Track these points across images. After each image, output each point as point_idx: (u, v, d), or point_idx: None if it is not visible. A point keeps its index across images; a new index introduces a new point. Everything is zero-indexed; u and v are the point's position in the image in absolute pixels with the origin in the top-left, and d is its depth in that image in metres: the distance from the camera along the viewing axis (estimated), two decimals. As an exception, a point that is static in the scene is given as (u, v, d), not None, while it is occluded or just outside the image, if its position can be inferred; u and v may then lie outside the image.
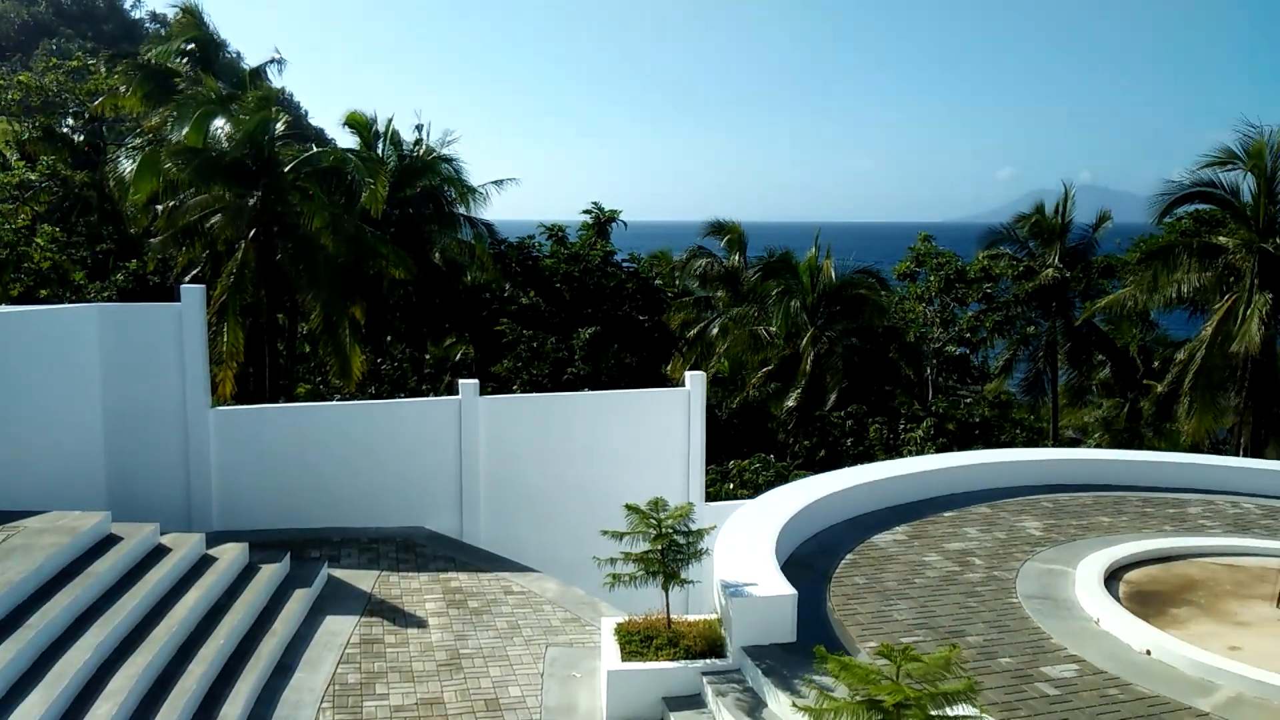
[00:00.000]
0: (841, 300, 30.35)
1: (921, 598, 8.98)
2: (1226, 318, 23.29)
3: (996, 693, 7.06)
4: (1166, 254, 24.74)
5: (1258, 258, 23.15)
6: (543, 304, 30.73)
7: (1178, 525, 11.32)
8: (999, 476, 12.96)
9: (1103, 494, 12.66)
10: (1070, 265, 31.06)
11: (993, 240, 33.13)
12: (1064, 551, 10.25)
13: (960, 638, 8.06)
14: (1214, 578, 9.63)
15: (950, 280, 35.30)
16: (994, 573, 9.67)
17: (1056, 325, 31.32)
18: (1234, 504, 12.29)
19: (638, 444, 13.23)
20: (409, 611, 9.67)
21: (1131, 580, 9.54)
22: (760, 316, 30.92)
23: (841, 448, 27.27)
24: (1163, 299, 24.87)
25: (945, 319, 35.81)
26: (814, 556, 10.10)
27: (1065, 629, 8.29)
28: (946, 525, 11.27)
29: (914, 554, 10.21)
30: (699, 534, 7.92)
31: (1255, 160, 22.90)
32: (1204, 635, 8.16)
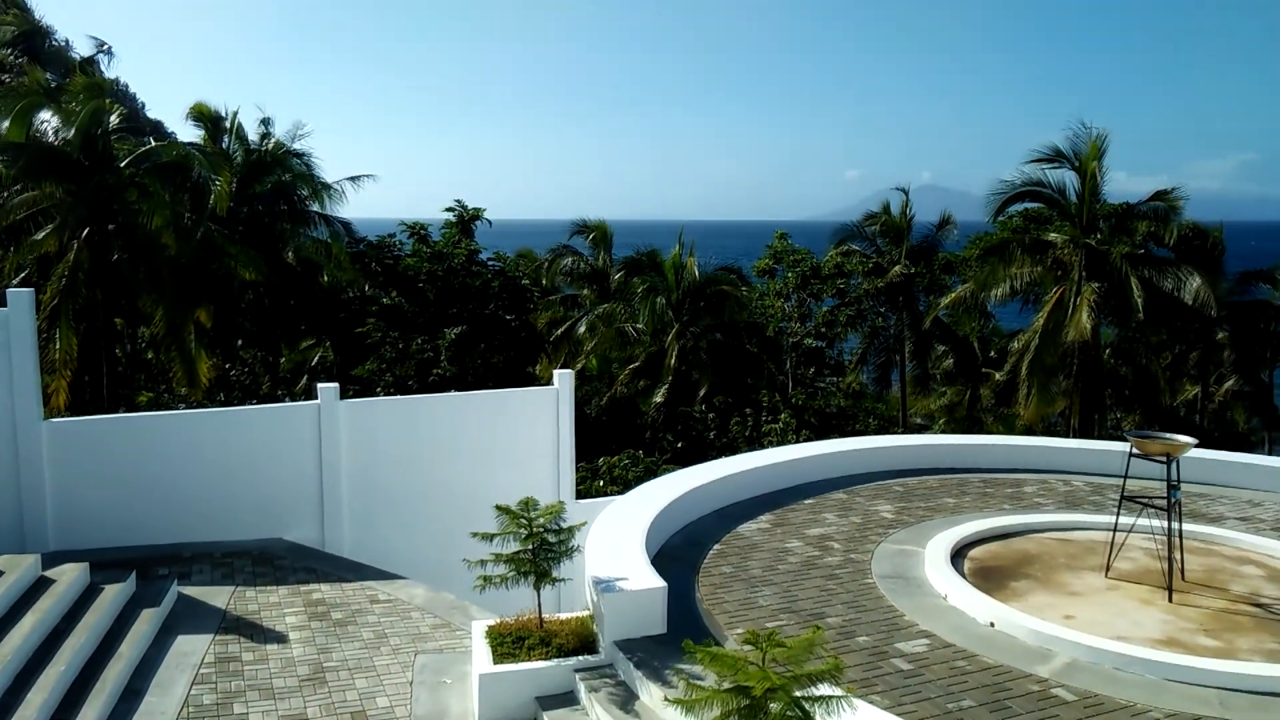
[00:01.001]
0: (705, 297, 30.99)
1: (785, 583, 9.30)
2: (1056, 308, 25.12)
3: (856, 670, 7.40)
4: (1001, 250, 26.49)
5: (1083, 252, 25.07)
6: (406, 304, 30.00)
7: (1015, 504, 12.14)
8: (854, 464, 13.55)
9: (948, 477, 13.43)
10: (915, 262, 32.78)
11: (844, 238, 34.66)
12: (914, 533, 10.82)
13: (821, 620, 8.40)
14: (1049, 552, 10.38)
15: (806, 277, 36.61)
16: (851, 556, 10.12)
17: (904, 319, 33.00)
18: (1065, 482, 13.27)
19: (507, 444, 13.14)
20: (268, 627, 9.29)
21: (975, 557, 10.17)
22: (627, 314, 31.21)
23: (707, 441, 27.85)
24: (999, 292, 26.63)
25: (802, 314, 37.12)
26: (683, 548, 10.30)
27: (917, 606, 8.77)
28: (807, 512, 11.70)
29: (777, 541, 10.56)
30: (570, 532, 7.95)
31: (1080, 160, 24.78)
32: (1041, 606, 8.79)
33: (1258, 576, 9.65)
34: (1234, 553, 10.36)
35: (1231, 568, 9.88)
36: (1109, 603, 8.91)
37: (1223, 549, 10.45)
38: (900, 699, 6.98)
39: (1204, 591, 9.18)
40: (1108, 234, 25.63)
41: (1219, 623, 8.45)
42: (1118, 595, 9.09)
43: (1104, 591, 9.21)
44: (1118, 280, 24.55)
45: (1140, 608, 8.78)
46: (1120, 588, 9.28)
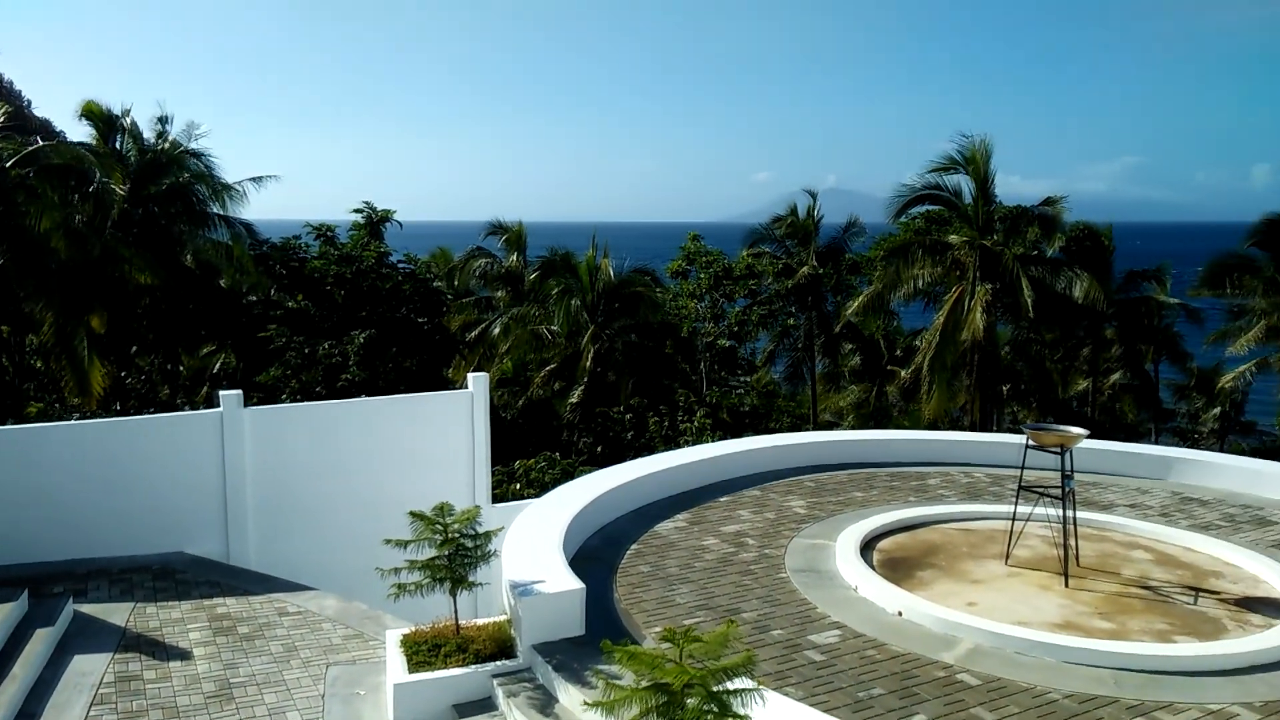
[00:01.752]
0: (620, 298, 31.09)
1: (701, 580, 9.41)
2: (955, 308, 26.04)
3: (770, 663, 7.54)
4: (903, 252, 27.34)
5: (978, 253, 26.05)
6: (313, 308, 29.25)
7: (921, 496, 12.54)
8: (767, 460, 13.79)
9: (857, 471, 13.79)
10: (823, 263, 33.55)
11: (755, 240, 35.27)
12: (825, 526, 11.08)
13: (737, 615, 8.53)
14: (952, 541, 10.75)
15: (719, 278, 37.12)
16: (765, 551, 10.30)
17: (813, 318, 33.73)
18: (967, 474, 13.76)
19: (420, 449, 12.94)
20: (170, 643, 8.95)
21: (883, 549, 10.47)
22: (542, 316, 31.09)
23: (624, 442, 27.94)
24: (902, 293, 27.47)
25: (715, 314, 37.61)
26: (601, 549, 10.33)
27: (829, 598, 8.99)
28: (722, 509, 11.86)
29: (694, 539, 10.68)
30: (486, 536, 7.89)
31: (973, 166, 25.78)
32: (946, 594, 9.11)
33: (1146, 560, 10.19)
34: (1124, 538, 10.91)
35: (1122, 553, 10.40)
36: (1009, 589, 9.28)
37: (1114, 535, 11.00)
38: (813, 690, 7.14)
39: (1097, 576, 9.65)
40: (1002, 236, 26.71)
41: (1112, 605, 8.89)
42: (1018, 582, 9.48)
43: (1004, 578, 9.59)
44: (1011, 280, 25.60)
45: (1039, 593, 9.18)
46: (1020, 574, 9.68)
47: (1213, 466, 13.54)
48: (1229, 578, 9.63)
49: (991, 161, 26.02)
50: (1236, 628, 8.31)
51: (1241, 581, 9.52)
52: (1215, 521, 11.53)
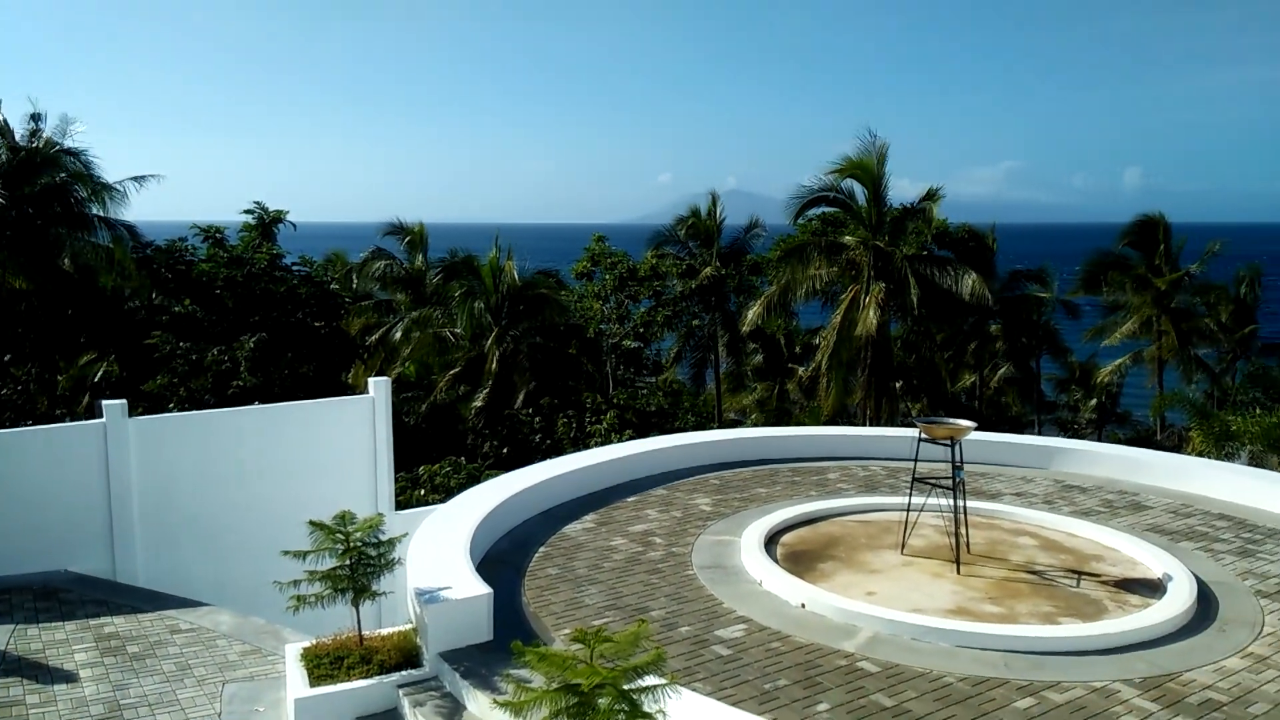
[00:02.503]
0: (525, 300, 30.90)
1: (610, 581, 9.45)
2: (851, 306, 26.81)
3: (679, 660, 7.64)
4: (800, 252, 28.00)
5: (872, 253, 26.87)
6: (201, 312, 28.12)
7: (821, 490, 12.87)
8: (674, 459, 13.93)
9: (760, 468, 14.06)
10: (726, 264, 34.06)
11: (659, 241, 35.57)
12: (730, 523, 11.27)
13: (646, 613, 8.60)
14: (851, 533, 11.08)
15: (623, 279, 37.27)
16: (672, 549, 10.41)
17: (716, 318, 34.21)
18: (864, 468, 14.19)
19: (320, 457, 12.60)
20: (54, 665, 8.49)
21: (786, 543, 10.71)
22: (444, 318, 30.65)
23: (532, 444, 27.79)
24: (801, 292, 28.13)
25: (621, 315, 37.75)
26: (509, 553, 10.26)
27: (734, 593, 9.15)
28: (630, 509, 11.93)
29: (602, 540, 10.72)
30: (390, 544, 7.75)
31: (865, 169, 26.59)
32: (846, 585, 9.38)
33: (1032, 546, 10.69)
34: (1011, 526, 11.43)
35: (1010, 539, 10.90)
36: (905, 578, 9.62)
37: (1001, 523, 11.51)
38: (721, 684, 7.26)
39: (987, 563, 10.08)
40: (889, 237, 27.64)
41: (1001, 590, 9.30)
42: (913, 570, 9.84)
43: (901, 568, 9.94)
44: (902, 279, 26.52)
45: (933, 581, 9.54)
46: (915, 563, 10.04)
47: (1092, 455, 14.31)
48: (1108, 561, 10.19)
49: (885, 164, 26.89)
50: (1116, 608, 8.80)
51: (1120, 564, 10.09)
52: (1095, 508, 12.19)
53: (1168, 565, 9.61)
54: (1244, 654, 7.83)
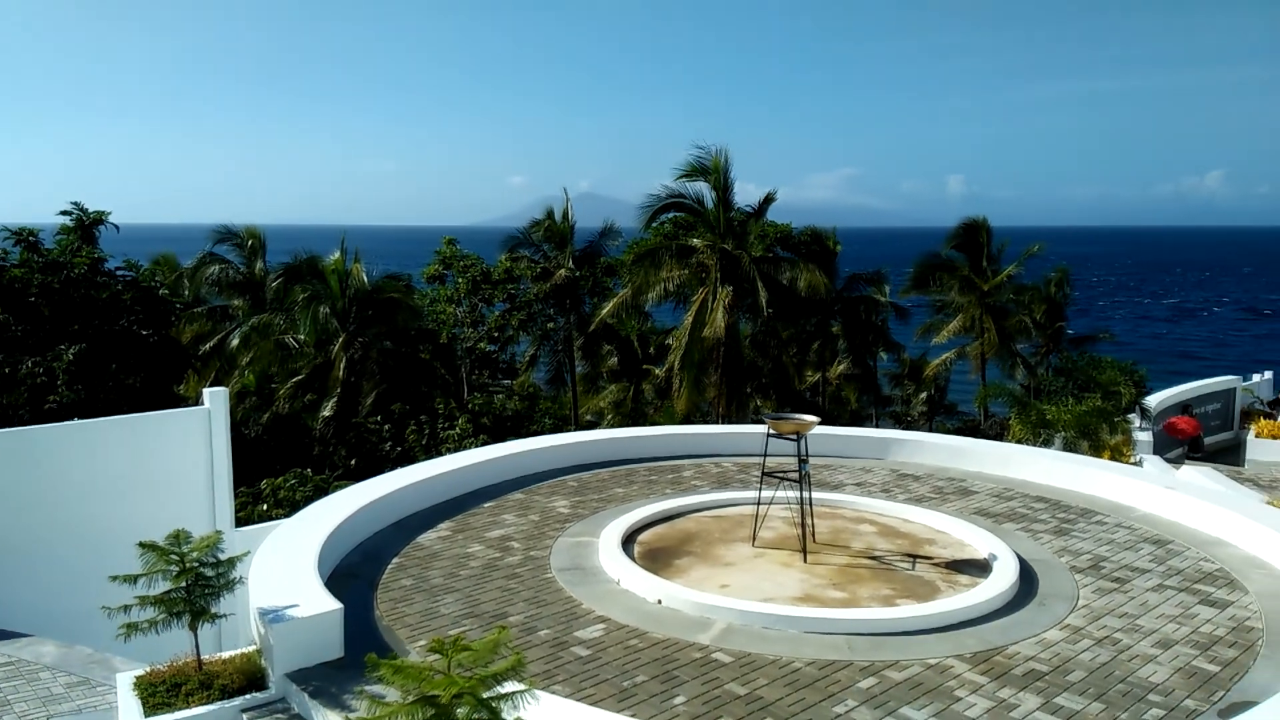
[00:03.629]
0: (374, 304, 30.00)
1: (467, 589, 9.34)
2: (702, 308, 27.46)
3: (538, 664, 7.64)
4: (653, 256, 28.48)
5: (719, 256, 27.62)
6: (13, 322, 25.85)
7: (676, 488, 13.14)
8: (531, 463, 13.89)
9: (618, 468, 14.22)
10: (580, 266, 34.18)
11: (512, 244, 35.30)
12: (589, 524, 11.35)
13: (505, 619, 8.55)
14: (706, 529, 11.36)
15: (477, 282, 36.78)
16: (531, 553, 10.39)
17: (572, 321, 34.28)
18: (717, 464, 14.58)
19: (150, 474, 11.86)
20: None
21: (643, 541, 10.88)
22: (287, 325, 29.37)
23: (383, 453, 27.01)
24: (654, 295, 28.59)
25: (475, 319, 37.23)
26: (360, 566, 9.96)
27: (593, 593, 9.22)
28: (487, 515, 11.81)
29: (458, 547, 10.56)
30: (230, 563, 7.39)
31: (713, 174, 27.32)
32: (701, 579, 9.62)
33: (872, 533, 11.28)
34: (853, 514, 12.02)
35: (852, 528, 11.46)
36: (756, 569, 9.96)
37: (844, 512, 12.09)
38: (580, 685, 7.31)
39: (831, 550, 10.57)
40: (740, 239, 28.49)
41: (844, 576, 9.77)
42: (764, 561, 10.19)
43: (752, 559, 10.28)
44: (749, 281, 27.38)
45: (782, 570, 9.92)
46: (765, 554, 10.40)
47: (924, 445, 15.21)
48: (940, 544, 10.88)
49: (731, 170, 27.71)
50: (948, 588, 9.40)
51: (950, 546, 10.78)
52: (927, 494, 12.97)
53: (993, 546, 10.34)
54: (1062, 626, 8.53)
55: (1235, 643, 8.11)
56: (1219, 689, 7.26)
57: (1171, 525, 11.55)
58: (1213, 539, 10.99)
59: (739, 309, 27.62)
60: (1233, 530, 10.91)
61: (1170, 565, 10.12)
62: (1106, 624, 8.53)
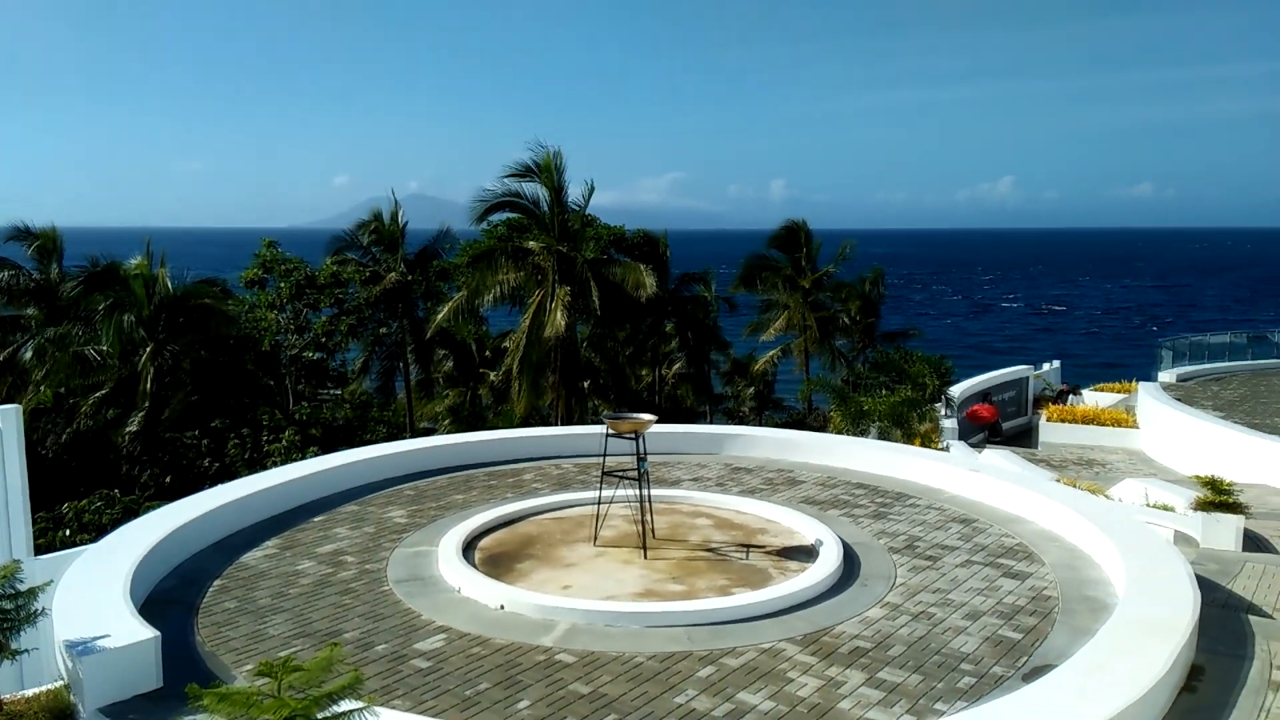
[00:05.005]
0: (185, 311, 28.13)
1: (297, 608, 8.96)
2: (539, 310, 27.40)
3: (377, 679, 7.43)
4: (488, 258, 28.19)
5: (555, 258, 27.67)
6: None
7: (517, 491, 13.09)
8: (364, 473, 13.47)
9: (456, 474, 14.01)
10: (412, 269, 33.36)
11: (339, 247, 34.03)
12: (427, 533, 11.12)
13: (339, 636, 8.26)
14: (547, 531, 11.38)
15: (301, 286, 35.18)
16: (366, 567, 10.08)
17: (405, 325, 33.41)
18: (557, 466, 14.62)
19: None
20: None
21: (484, 547, 10.78)
22: (87, 335, 27.09)
23: (200, 470, 25.41)
24: (490, 297, 28.30)
25: (300, 325, 35.59)
26: (177, 590, 9.37)
27: (433, 604, 9.05)
28: (317, 530, 11.37)
29: (286, 565, 10.11)
30: (30, 594, 6.79)
31: (546, 174, 27.32)
32: (543, 582, 9.63)
33: (708, 526, 11.63)
34: (690, 509, 12.35)
35: (689, 522, 11.77)
36: (598, 568, 10.07)
37: (681, 507, 12.40)
38: (421, 697, 7.18)
39: (670, 545, 10.82)
40: (575, 241, 28.63)
41: (683, 570, 10.03)
42: (605, 560, 10.32)
43: (594, 559, 10.38)
44: (584, 282, 27.58)
45: (623, 568, 10.07)
46: (607, 553, 10.54)
47: (754, 439, 15.83)
48: (771, 533, 11.35)
49: (565, 172, 27.76)
50: (779, 575, 9.83)
51: (781, 535, 11.27)
52: (758, 486, 13.50)
53: (819, 532, 10.90)
54: (882, 604, 9.10)
55: (1035, 611, 8.90)
56: (1022, 655, 7.95)
57: (976, 505, 12.54)
58: (1012, 516, 12.01)
59: (575, 310, 27.75)
60: (1029, 507, 11.96)
61: (976, 542, 10.98)
62: (921, 600, 9.17)
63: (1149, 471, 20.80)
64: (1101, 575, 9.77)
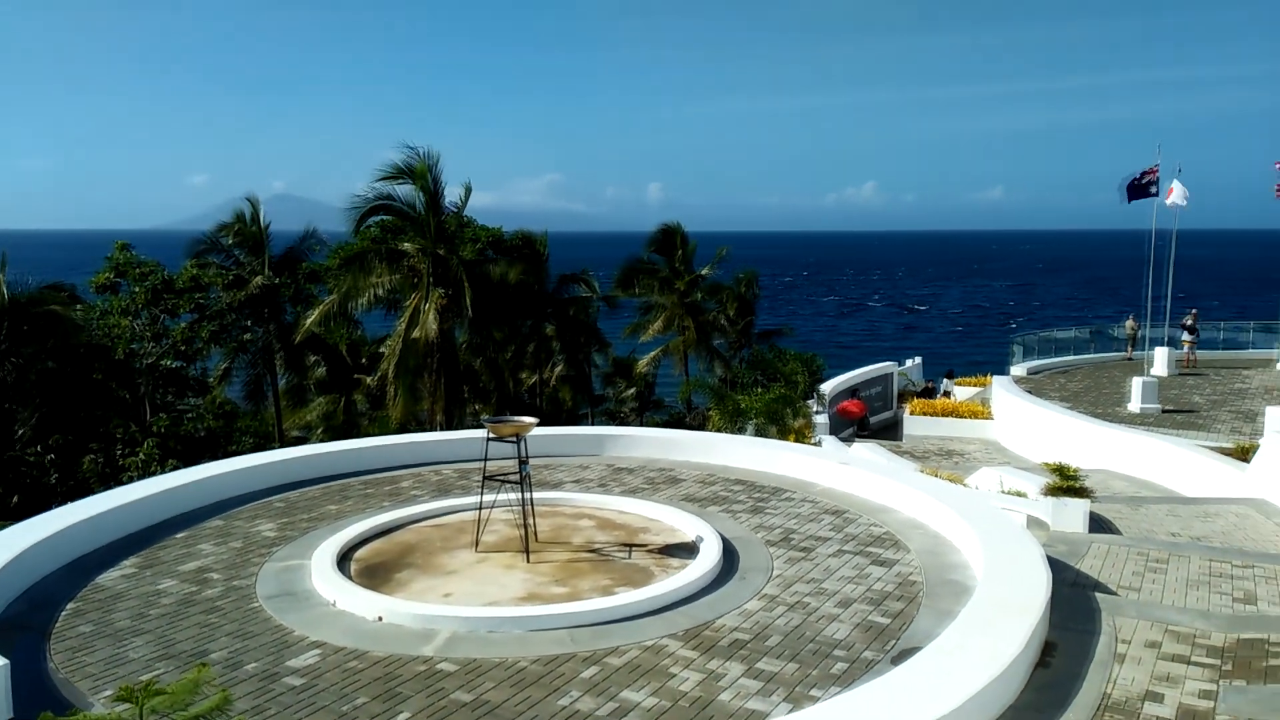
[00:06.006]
0: (28, 319, 26.23)
1: (159, 629, 8.51)
2: (415, 313, 26.86)
3: (247, 699, 7.14)
4: (360, 260, 27.46)
5: (431, 260, 27.19)
6: None
7: (395, 499, 12.80)
8: (231, 486, 12.91)
9: (330, 484, 13.58)
10: (279, 272, 32.13)
11: (199, 249, 32.44)
12: (299, 546, 10.75)
13: (206, 657, 7.90)
14: (427, 539, 11.18)
15: (158, 291, 33.33)
16: (233, 583, 9.66)
17: (272, 331, 32.13)
18: (437, 472, 14.37)
19: None
20: None
21: (360, 558, 10.50)
22: (-88, 346, 24.92)
23: (48, 488, 23.75)
24: (363, 301, 27.55)
25: (157, 332, 33.70)
26: (26, 615, 8.77)
27: (306, 619, 8.76)
28: (180, 546, 10.83)
29: (146, 585, 9.60)
30: None
31: (421, 177, 26.81)
32: (423, 591, 9.46)
33: (591, 527, 11.67)
34: (573, 511, 12.36)
35: (572, 524, 11.78)
36: (480, 574, 9.97)
37: (564, 509, 12.40)
38: (295, 715, 6.94)
39: (553, 548, 10.81)
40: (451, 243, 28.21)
41: (566, 572, 10.04)
42: (487, 566, 10.22)
43: (475, 565, 10.27)
44: (459, 284, 27.21)
45: (505, 572, 10.00)
46: (489, 559, 10.44)
47: (636, 439, 15.98)
48: (653, 531, 11.49)
49: (440, 173, 27.31)
50: (662, 572, 9.96)
51: (663, 533, 11.42)
52: (640, 486, 13.64)
53: (700, 529, 11.10)
54: (760, 596, 9.35)
55: (902, 596, 9.32)
56: (891, 638, 8.32)
57: (847, 497, 13.03)
58: (880, 506, 12.54)
59: (452, 313, 27.32)
60: (895, 498, 12.51)
61: (847, 532, 11.42)
62: (797, 590, 9.47)
63: (1003, 460, 22.09)
64: (962, 560, 10.32)
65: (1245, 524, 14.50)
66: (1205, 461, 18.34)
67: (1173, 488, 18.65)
